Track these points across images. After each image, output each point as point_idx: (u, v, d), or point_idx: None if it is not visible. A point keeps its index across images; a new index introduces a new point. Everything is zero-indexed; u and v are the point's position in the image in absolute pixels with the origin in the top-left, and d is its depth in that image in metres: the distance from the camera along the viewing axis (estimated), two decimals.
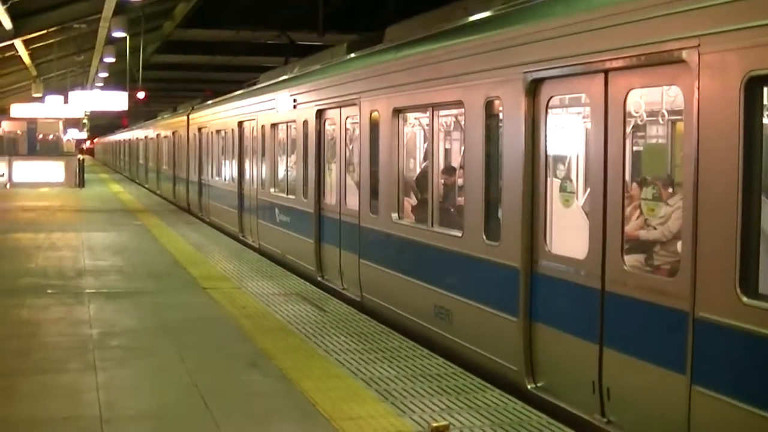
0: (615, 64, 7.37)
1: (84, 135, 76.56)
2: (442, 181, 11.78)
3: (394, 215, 12.13)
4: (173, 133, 36.50)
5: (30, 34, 27.80)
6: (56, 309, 12.29)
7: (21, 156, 47.79)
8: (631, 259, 7.77)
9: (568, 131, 9.80)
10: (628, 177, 7.80)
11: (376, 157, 12.77)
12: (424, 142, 13.68)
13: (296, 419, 7.65)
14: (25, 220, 26.10)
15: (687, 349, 6.45)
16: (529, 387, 8.59)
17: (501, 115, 9.32)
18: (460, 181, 11.24)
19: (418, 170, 13.82)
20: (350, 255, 13.71)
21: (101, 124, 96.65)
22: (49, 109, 44.00)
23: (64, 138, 57.71)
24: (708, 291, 6.31)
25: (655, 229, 8.30)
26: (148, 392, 8.45)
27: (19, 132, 51.43)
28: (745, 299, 5.96)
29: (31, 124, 50.07)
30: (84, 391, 8.38)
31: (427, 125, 11.91)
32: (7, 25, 24.48)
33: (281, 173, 19.19)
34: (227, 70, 46.50)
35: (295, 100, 17.04)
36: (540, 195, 8.60)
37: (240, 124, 22.62)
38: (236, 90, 26.23)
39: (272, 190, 19.29)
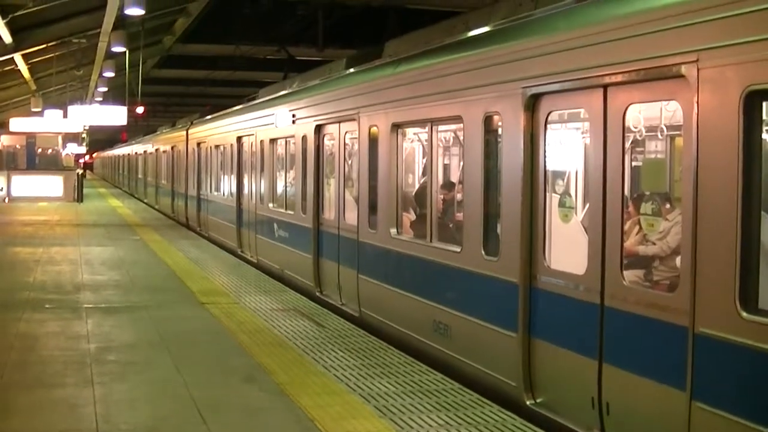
0: (614, 79, 7.37)
1: (83, 149, 76.49)
2: (441, 196, 11.77)
3: (393, 230, 12.12)
4: (172, 147, 36.52)
5: (30, 48, 27.83)
6: (54, 323, 12.27)
7: (20, 170, 47.83)
8: (631, 275, 7.75)
9: (567, 146, 9.79)
10: (627, 192, 7.78)
11: (375, 172, 12.76)
12: (423, 157, 13.68)
13: None
14: (24, 234, 26.09)
15: (687, 365, 6.43)
16: (528, 403, 8.56)
17: (500, 131, 9.31)
18: (458, 197, 11.24)
19: (417, 185, 13.81)
20: (349, 270, 13.69)
21: (100, 138, 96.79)
22: (49, 123, 43.99)
23: (63, 152, 57.71)
24: (708, 306, 6.29)
25: (654, 244, 8.30)
26: (146, 406, 8.41)
27: (18, 146, 51.45)
28: (744, 314, 5.94)
29: (30, 138, 50.09)
30: (81, 404, 8.36)
31: (426, 140, 11.90)
32: (7, 39, 24.51)
33: (280, 188, 19.19)
34: (226, 85, 46.66)
35: (294, 115, 17.05)
36: (539, 210, 8.59)
37: (239, 139, 22.64)
38: (235, 105, 26.25)
39: (271, 205, 19.29)
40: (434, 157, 11.66)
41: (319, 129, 15.56)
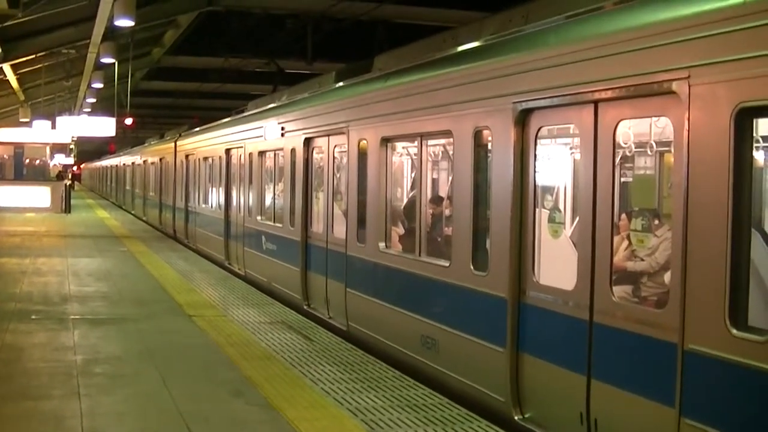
0: (605, 94, 7.38)
1: (71, 160, 76.39)
2: (430, 210, 11.75)
3: (382, 244, 12.10)
4: (160, 159, 36.48)
5: (18, 58, 27.78)
6: (40, 334, 12.20)
7: (7, 180, 47.67)
8: (620, 291, 7.75)
9: (557, 162, 9.79)
10: (616, 208, 7.78)
11: (363, 185, 12.75)
12: (412, 171, 13.68)
13: None
14: (11, 244, 25.98)
15: (676, 381, 6.43)
16: (516, 418, 8.55)
17: (490, 145, 9.31)
18: (447, 211, 11.22)
19: (405, 199, 13.80)
20: (337, 284, 13.67)
21: (88, 149, 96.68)
22: (37, 133, 43.90)
23: (51, 163, 57.59)
24: (697, 323, 6.28)
25: (642, 260, 8.30)
26: (132, 419, 8.36)
27: (5, 156, 51.29)
28: (734, 331, 5.94)
29: (18, 148, 49.94)
30: (68, 417, 8.30)
31: (415, 155, 11.90)
32: None
33: (268, 201, 19.16)
34: (215, 97, 46.70)
35: (283, 128, 17.04)
36: (528, 225, 8.58)
37: (227, 151, 22.61)
38: (224, 117, 26.21)
39: (259, 217, 19.26)
40: (423, 171, 11.67)
41: (308, 142, 15.55)
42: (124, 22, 20.50)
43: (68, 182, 53.17)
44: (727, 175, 6.02)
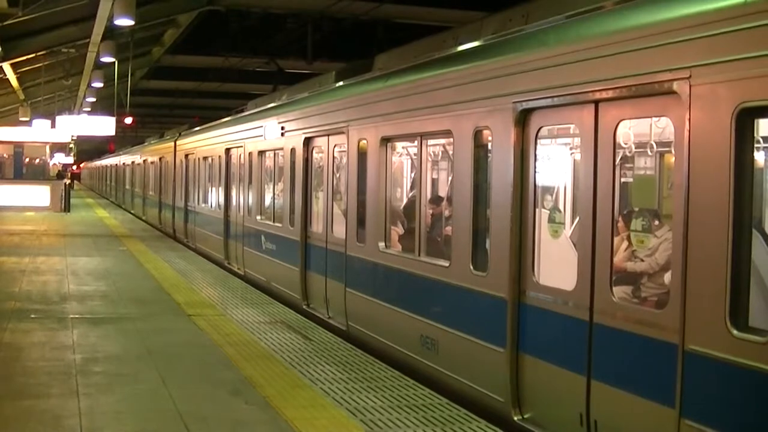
0: (605, 94, 7.36)
1: (71, 159, 76.39)
2: (430, 210, 11.74)
3: (381, 244, 12.08)
4: (160, 158, 36.46)
5: (18, 57, 27.77)
6: (39, 333, 12.18)
7: (7, 180, 47.66)
8: (620, 291, 7.74)
9: (557, 162, 9.77)
10: (617, 208, 7.76)
11: (363, 185, 12.73)
12: (412, 171, 13.66)
13: None
14: (10, 243, 25.95)
15: (676, 382, 6.41)
16: (515, 418, 8.53)
17: (490, 145, 9.30)
18: (447, 211, 11.21)
19: (405, 199, 13.79)
20: (336, 283, 13.65)
21: (88, 149, 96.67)
22: (36, 133, 43.90)
23: (51, 162, 57.59)
24: (698, 323, 6.27)
25: (642, 260, 8.28)
26: (131, 419, 8.34)
27: (5, 155, 51.28)
28: (735, 332, 5.92)
29: (18, 147, 49.94)
30: (66, 416, 8.28)
31: (415, 154, 11.88)
32: None
33: (268, 201, 19.14)
34: (215, 97, 46.73)
35: (282, 128, 17.02)
36: (528, 225, 8.57)
37: (227, 150, 22.59)
38: (224, 116, 26.17)
39: (258, 217, 19.24)
40: (423, 171, 11.65)
41: (307, 141, 15.54)
42: (124, 21, 20.50)
43: (68, 181, 53.15)
44: (728, 176, 6.00)
